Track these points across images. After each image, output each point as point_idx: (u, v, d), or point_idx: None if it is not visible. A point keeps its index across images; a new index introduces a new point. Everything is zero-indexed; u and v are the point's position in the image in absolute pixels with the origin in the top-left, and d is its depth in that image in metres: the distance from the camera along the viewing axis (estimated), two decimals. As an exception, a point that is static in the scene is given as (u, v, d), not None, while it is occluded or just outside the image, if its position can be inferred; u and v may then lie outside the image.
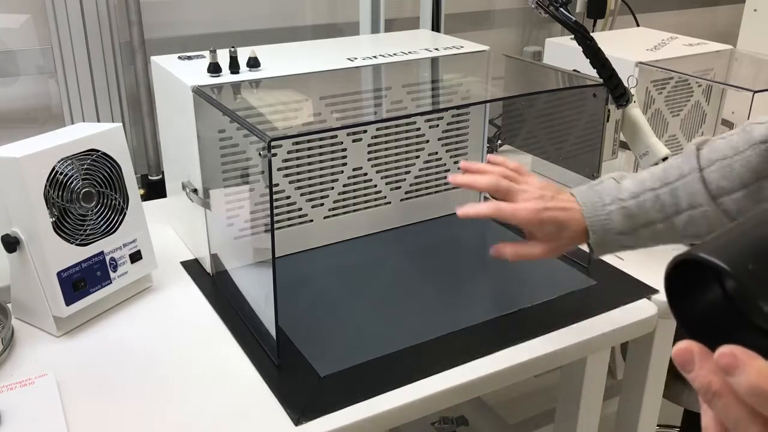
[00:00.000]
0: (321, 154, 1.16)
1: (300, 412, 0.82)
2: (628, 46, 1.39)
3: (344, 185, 1.20)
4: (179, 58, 1.15)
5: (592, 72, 1.13)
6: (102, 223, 0.99)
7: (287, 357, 0.92)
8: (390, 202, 1.26)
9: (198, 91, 1.01)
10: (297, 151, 1.14)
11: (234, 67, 1.07)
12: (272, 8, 1.75)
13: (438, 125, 1.26)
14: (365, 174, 1.22)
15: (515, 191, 0.88)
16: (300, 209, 1.18)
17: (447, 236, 1.28)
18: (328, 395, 0.85)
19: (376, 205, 1.25)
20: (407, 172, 1.26)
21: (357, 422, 0.82)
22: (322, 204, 1.20)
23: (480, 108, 1.30)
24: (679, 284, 0.40)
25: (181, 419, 0.82)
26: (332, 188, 1.19)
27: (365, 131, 1.19)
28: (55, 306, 0.94)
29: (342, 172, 1.19)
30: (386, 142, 1.22)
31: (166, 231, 1.25)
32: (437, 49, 1.26)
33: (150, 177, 1.67)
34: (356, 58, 1.18)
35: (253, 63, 1.09)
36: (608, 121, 1.17)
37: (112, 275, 1.00)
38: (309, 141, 1.14)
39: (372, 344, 0.95)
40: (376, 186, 1.24)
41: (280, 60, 1.16)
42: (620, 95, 1.16)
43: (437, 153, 1.28)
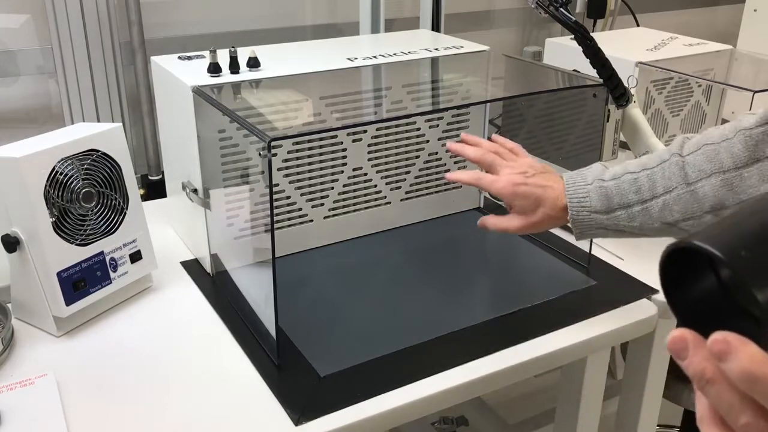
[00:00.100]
0: (321, 154, 1.16)
1: (300, 412, 0.82)
2: (628, 46, 1.39)
3: (344, 185, 1.20)
4: (179, 58, 1.15)
5: (592, 72, 1.13)
6: (102, 223, 0.99)
7: (287, 357, 0.92)
8: (390, 202, 1.26)
9: (198, 91, 1.01)
10: (297, 151, 1.14)
11: (234, 67, 1.07)
12: (272, 8, 1.75)
13: (438, 125, 1.26)
14: (365, 174, 1.22)
15: (500, 165, 0.94)
16: (300, 209, 1.18)
17: (447, 236, 1.28)
18: (328, 395, 0.85)
19: (376, 205, 1.25)
20: (407, 172, 1.26)
21: (357, 422, 0.82)
22: (322, 204, 1.20)
23: (480, 108, 1.30)
24: (674, 273, 0.40)
25: (181, 419, 0.82)
26: (332, 188, 1.19)
27: (365, 131, 1.19)
28: (55, 306, 0.94)
29: (342, 172, 1.19)
30: (386, 142, 1.22)
31: (166, 231, 1.25)
32: (437, 49, 1.26)
33: (150, 177, 1.68)
34: (356, 58, 1.18)
35: (253, 63, 1.09)
36: (608, 121, 1.17)
37: (112, 275, 1.00)
38: (309, 141, 1.14)
39: (372, 344, 0.95)
40: (376, 186, 1.24)
41: (280, 60, 1.16)
42: (620, 95, 1.16)
43: (437, 153, 1.28)
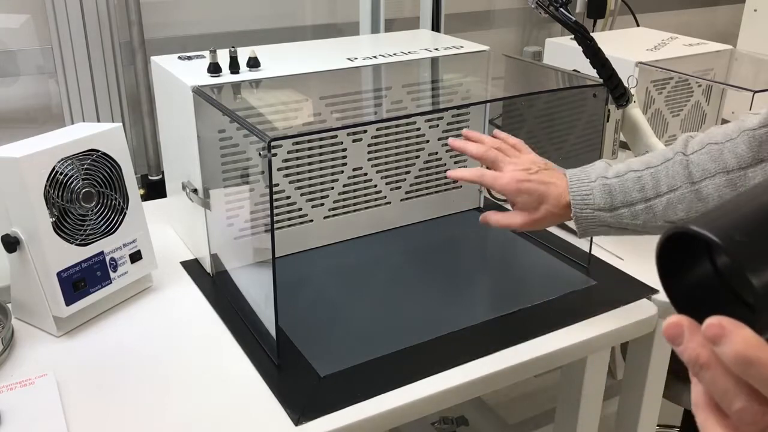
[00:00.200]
0: (321, 154, 1.16)
1: (300, 412, 0.82)
2: (628, 46, 1.39)
3: (344, 185, 1.20)
4: (179, 58, 1.15)
5: (592, 72, 1.13)
6: (102, 223, 0.99)
7: (287, 357, 0.92)
8: (390, 202, 1.26)
9: (198, 91, 1.01)
10: (297, 151, 1.14)
11: (234, 67, 1.07)
12: (272, 8, 1.75)
13: (438, 125, 1.26)
14: (365, 174, 1.22)
15: (503, 162, 0.94)
16: (300, 209, 1.18)
17: (447, 236, 1.28)
18: (328, 395, 0.85)
19: (376, 205, 1.25)
20: (407, 172, 1.26)
21: (357, 422, 0.82)
22: (322, 204, 1.20)
23: (480, 108, 1.30)
24: (671, 260, 0.40)
25: (181, 419, 0.82)
26: (332, 188, 1.19)
27: (365, 131, 1.19)
28: (55, 306, 0.94)
29: (342, 172, 1.19)
30: (386, 142, 1.22)
31: (166, 231, 1.25)
32: (437, 49, 1.26)
33: (150, 177, 1.68)
34: (356, 58, 1.18)
35: (253, 63, 1.09)
36: (608, 121, 1.17)
37: (112, 275, 1.00)
38: (309, 141, 1.14)
39: (372, 344, 0.95)
40: (376, 186, 1.24)
41: (280, 60, 1.16)
42: (620, 95, 1.16)
43: (437, 153, 1.28)
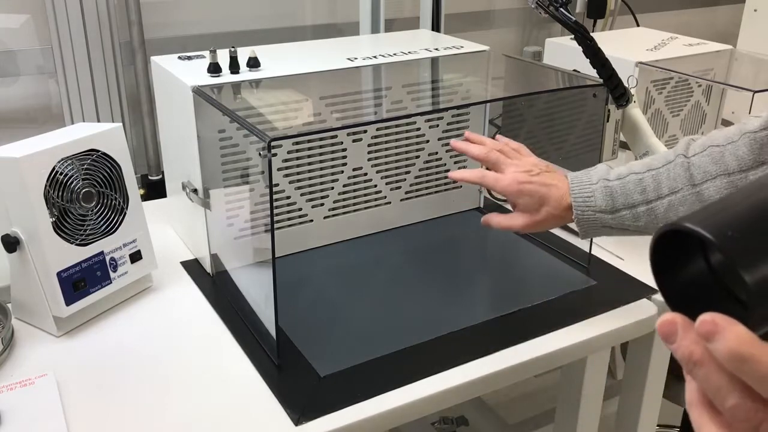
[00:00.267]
0: (321, 154, 1.16)
1: (300, 412, 0.82)
2: (628, 46, 1.39)
3: (344, 185, 1.20)
4: (179, 58, 1.15)
5: (592, 72, 1.13)
6: (102, 223, 0.99)
7: (287, 357, 0.92)
8: (390, 202, 1.26)
9: (198, 91, 1.01)
10: (297, 151, 1.14)
11: (234, 67, 1.07)
12: (272, 8, 1.75)
13: (438, 125, 1.26)
14: (365, 174, 1.22)
15: (504, 164, 0.94)
16: (300, 209, 1.18)
17: (447, 236, 1.28)
18: (328, 395, 0.85)
19: (376, 205, 1.25)
20: (407, 172, 1.26)
21: (357, 422, 0.82)
22: (322, 204, 1.20)
23: (480, 108, 1.30)
24: (665, 258, 0.40)
25: (181, 419, 0.82)
26: (332, 188, 1.19)
27: (365, 131, 1.19)
28: (55, 306, 0.94)
29: (342, 172, 1.19)
30: (386, 142, 1.22)
31: (166, 231, 1.25)
32: (437, 49, 1.26)
33: (150, 177, 1.67)
34: (356, 58, 1.18)
35: (253, 63, 1.09)
36: (608, 121, 1.17)
37: (112, 275, 1.00)
38: (309, 141, 1.14)
39: (372, 344, 0.95)
40: (376, 186, 1.24)
41: (280, 60, 1.16)
42: (620, 95, 1.16)
43: (437, 153, 1.28)
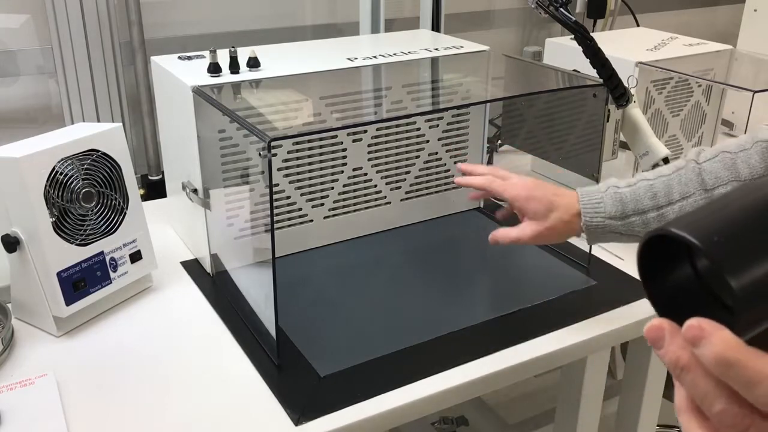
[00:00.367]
0: (321, 154, 1.16)
1: (300, 412, 0.82)
2: (628, 46, 1.39)
3: (344, 185, 1.20)
4: (179, 58, 1.15)
5: (592, 72, 1.13)
6: (102, 223, 0.99)
7: (287, 357, 0.92)
8: (390, 202, 1.26)
9: (198, 91, 1.01)
10: (297, 151, 1.14)
11: (234, 67, 1.07)
12: (272, 8, 1.75)
13: (438, 125, 1.26)
14: (365, 174, 1.22)
15: (508, 176, 0.97)
16: (300, 209, 1.18)
17: (447, 236, 1.28)
18: (328, 395, 0.85)
19: (376, 205, 1.25)
20: (407, 172, 1.26)
21: (357, 422, 0.82)
22: (322, 204, 1.20)
23: (480, 108, 1.30)
24: (652, 263, 0.40)
25: (181, 419, 0.82)
26: (332, 188, 1.19)
27: (365, 131, 1.19)
28: (55, 306, 0.94)
29: (342, 172, 1.19)
30: (386, 142, 1.22)
31: (166, 231, 1.25)
32: (437, 49, 1.26)
33: (150, 177, 1.67)
34: (356, 58, 1.18)
35: (253, 63, 1.09)
36: (608, 121, 1.17)
37: (112, 275, 1.00)
38: (309, 141, 1.14)
39: (372, 344, 0.95)
40: (376, 186, 1.24)
41: (280, 60, 1.16)
42: (620, 95, 1.16)
43: (437, 153, 1.28)
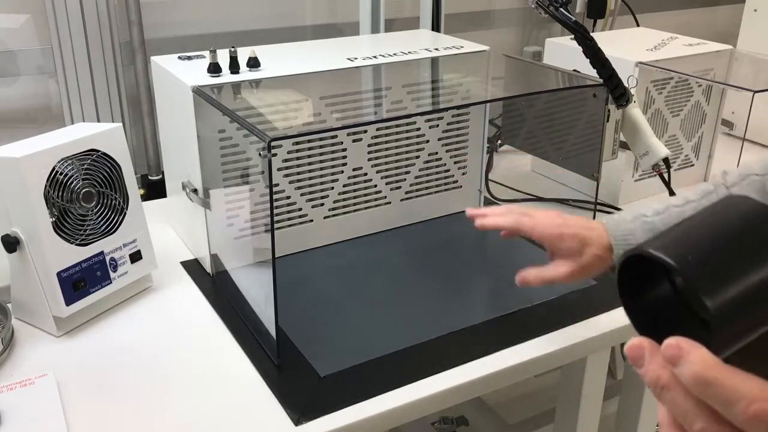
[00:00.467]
0: (321, 154, 1.16)
1: (300, 412, 0.82)
2: (628, 46, 1.39)
3: (344, 185, 1.20)
4: (179, 58, 1.15)
5: (592, 72, 1.13)
6: (102, 223, 0.99)
7: (287, 357, 0.92)
8: (390, 202, 1.26)
9: (198, 91, 1.01)
10: (297, 151, 1.14)
11: (234, 67, 1.07)
12: (272, 8, 1.75)
13: (438, 125, 1.26)
14: (365, 174, 1.22)
15: (531, 213, 0.89)
16: (300, 209, 1.18)
17: (447, 236, 1.28)
18: (328, 395, 0.85)
19: (376, 205, 1.25)
20: (407, 172, 1.26)
21: (357, 422, 0.82)
22: (322, 204, 1.20)
23: (480, 108, 1.30)
24: (632, 282, 0.41)
25: (181, 419, 0.82)
26: (332, 188, 1.19)
27: (365, 131, 1.19)
28: (55, 306, 0.94)
29: (342, 172, 1.19)
30: (386, 142, 1.22)
31: (166, 231, 1.25)
32: (437, 49, 1.26)
33: (150, 177, 1.67)
34: (356, 58, 1.18)
35: (253, 63, 1.09)
36: (608, 121, 1.17)
37: (112, 275, 1.00)
38: (309, 141, 1.14)
39: (372, 344, 0.95)
40: (376, 186, 1.24)
41: (280, 60, 1.16)
42: (620, 95, 1.16)
43: (437, 153, 1.28)
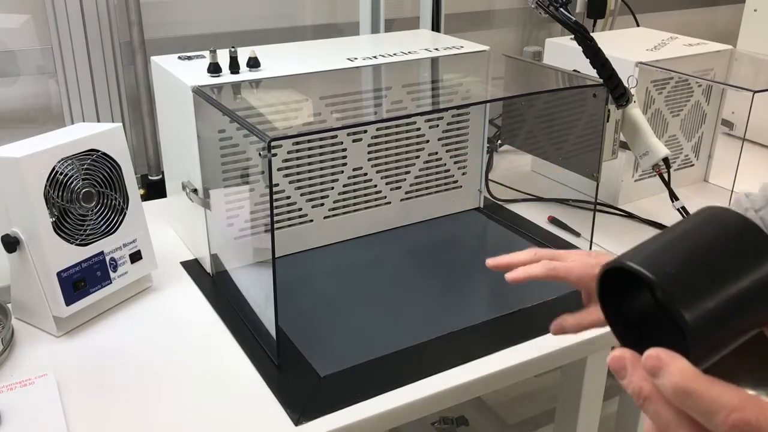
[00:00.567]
0: (321, 154, 1.16)
1: (300, 412, 0.82)
2: (628, 46, 1.39)
3: (344, 185, 1.20)
4: (179, 58, 1.15)
5: (592, 72, 1.13)
6: (102, 223, 0.99)
7: (287, 357, 0.92)
8: (390, 202, 1.26)
9: (198, 91, 1.01)
10: (297, 151, 1.14)
11: (234, 67, 1.07)
12: (272, 8, 1.75)
13: (438, 125, 1.26)
14: (365, 174, 1.22)
15: (560, 256, 0.84)
16: (300, 209, 1.18)
17: (447, 236, 1.28)
18: (328, 395, 0.85)
19: (376, 205, 1.25)
20: (407, 172, 1.26)
21: (357, 422, 0.82)
22: (322, 204, 1.20)
23: (480, 108, 1.30)
24: (613, 294, 0.40)
25: (181, 419, 0.82)
26: (332, 188, 1.19)
27: (365, 131, 1.19)
28: (55, 306, 0.94)
29: (342, 172, 1.19)
30: (386, 142, 1.22)
31: (166, 231, 1.25)
32: (437, 49, 1.26)
33: (150, 177, 1.67)
34: (356, 58, 1.18)
35: (253, 63, 1.09)
36: (608, 121, 1.17)
37: (112, 275, 1.00)
38: (309, 141, 1.14)
39: (372, 344, 0.95)
40: (376, 186, 1.24)
41: (280, 60, 1.16)
42: (620, 95, 1.16)
43: (437, 153, 1.28)
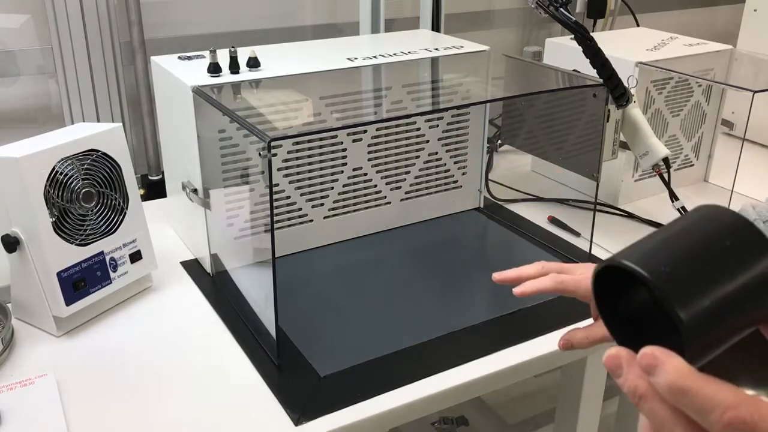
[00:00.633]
0: (321, 154, 1.16)
1: (300, 412, 0.82)
2: (628, 46, 1.39)
3: (344, 185, 1.20)
4: (179, 58, 1.15)
5: (592, 72, 1.13)
6: (102, 223, 0.99)
7: (287, 357, 0.92)
8: (390, 202, 1.26)
9: (198, 91, 1.01)
10: (297, 151, 1.14)
11: (234, 67, 1.07)
12: (272, 8, 1.75)
13: (438, 125, 1.26)
14: (365, 174, 1.22)
15: (568, 269, 0.85)
16: (300, 209, 1.18)
17: (447, 236, 1.28)
18: (328, 395, 0.85)
19: (376, 205, 1.25)
20: (407, 172, 1.26)
21: (357, 422, 0.82)
22: (322, 204, 1.20)
23: (480, 108, 1.30)
24: (609, 293, 0.40)
25: (181, 419, 0.82)
26: (332, 188, 1.19)
27: (365, 131, 1.19)
28: (55, 306, 0.94)
29: (342, 172, 1.19)
30: (386, 142, 1.22)
31: (166, 231, 1.25)
32: (437, 49, 1.26)
33: (150, 177, 1.67)
34: (356, 58, 1.18)
35: (253, 63, 1.09)
36: (608, 121, 1.17)
37: (112, 275, 1.00)
38: (309, 141, 1.14)
39: (372, 344, 0.95)
40: (376, 186, 1.24)
41: (280, 60, 1.16)
42: (620, 95, 1.16)
43: (437, 153, 1.28)
